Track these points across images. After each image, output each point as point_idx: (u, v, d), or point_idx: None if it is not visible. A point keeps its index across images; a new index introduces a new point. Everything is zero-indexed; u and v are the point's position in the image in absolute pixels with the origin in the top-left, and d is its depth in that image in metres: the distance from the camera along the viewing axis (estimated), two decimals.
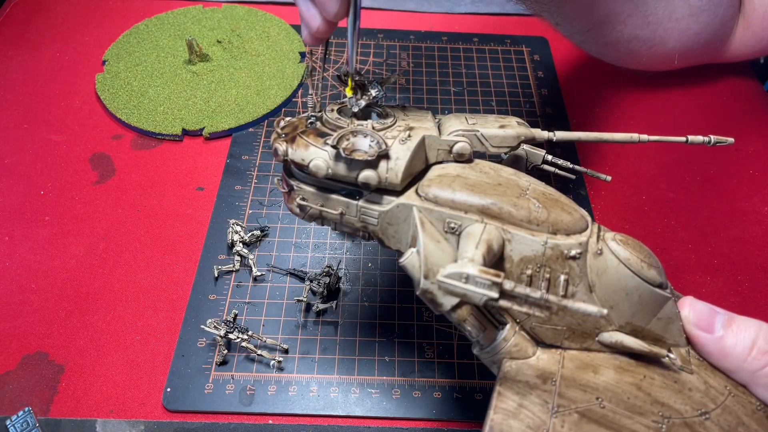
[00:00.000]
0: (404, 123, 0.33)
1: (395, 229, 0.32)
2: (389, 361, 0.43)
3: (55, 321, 0.44)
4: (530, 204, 0.30)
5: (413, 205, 0.30)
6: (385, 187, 0.31)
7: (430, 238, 0.29)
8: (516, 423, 0.28)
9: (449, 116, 0.34)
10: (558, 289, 0.29)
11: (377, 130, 0.32)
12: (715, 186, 0.56)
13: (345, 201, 0.32)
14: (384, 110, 0.34)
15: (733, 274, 0.49)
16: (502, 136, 0.33)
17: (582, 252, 0.29)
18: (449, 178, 0.31)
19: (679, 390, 0.29)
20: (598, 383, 0.29)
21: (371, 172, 0.30)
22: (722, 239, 0.51)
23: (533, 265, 0.29)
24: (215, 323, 0.42)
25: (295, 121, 0.34)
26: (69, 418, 0.40)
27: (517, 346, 0.30)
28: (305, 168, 0.31)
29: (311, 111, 0.34)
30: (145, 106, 0.59)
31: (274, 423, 0.40)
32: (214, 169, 0.55)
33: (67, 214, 0.51)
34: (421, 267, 0.28)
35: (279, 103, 0.60)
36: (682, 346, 0.30)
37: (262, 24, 0.68)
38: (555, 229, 0.29)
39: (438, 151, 0.32)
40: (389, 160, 0.30)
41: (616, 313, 0.30)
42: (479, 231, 0.29)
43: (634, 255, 0.29)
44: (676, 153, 0.58)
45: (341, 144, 0.30)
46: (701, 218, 0.53)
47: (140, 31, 0.67)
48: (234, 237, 0.48)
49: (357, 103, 0.33)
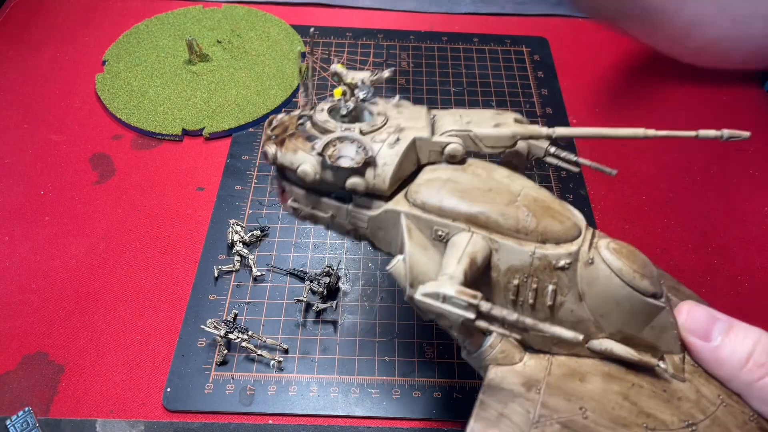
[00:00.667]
0: (395, 123, 0.32)
1: (385, 233, 0.32)
2: (389, 361, 0.43)
3: (55, 321, 0.44)
4: (519, 213, 0.29)
5: (401, 212, 0.30)
6: (374, 192, 0.30)
7: (416, 247, 0.29)
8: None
9: (443, 113, 0.34)
10: (546, 299, 0.29)
11: (366, 133, 0.31)
12: (715, 186, 0.56)
13: (335, 204, 0.32)
14: (377, 107, 0.33)
15: (733, 274, 0.49)
16: (496, 136, 0.32)
17: (571, 262, 0.28)
18: (438, 183, 0.30)
19: (668, 399, 0.29)
20: (583, 392, 0.29)
21: (358, 179, 0.30)
22: (722, 239, 0.51)
23: (520, 275, 0.29)
24: (215, 323, 0.42)
25: (286, 121, 0.33)
26: (69, 418, 0.40)
27: (504, 353, 0.30)
28: (294, 172, 0.31)
29: (302, 110, 0.33)
30: (145, 106, 0.59)
31: (274, 423, 0.40)
32: (214, 169, 0.55)
33: (67, 214, 0.51)
34: (407, 275, 0.28)
35: (279, 103, 0.60)
36: (677, 353, 0.30)
37: (262, 24, 0.68)
38: (544, 238, 0.29)
39: (430, 152, 0.32)
40: (376, 166, 0.30)
41: (606, 321, 0.29)
42: (464, 241, 0.28)
43: (626, 265, 0.28)
44: (676, 153, 0.58)
45: (327, 151, 0.29)
46: (701, 218, 0.53)
47: (140, 31, 0.67)
48: (234, 237, 0.48)
49: (345, 105, 0.33)
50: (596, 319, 0.29)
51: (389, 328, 0.45)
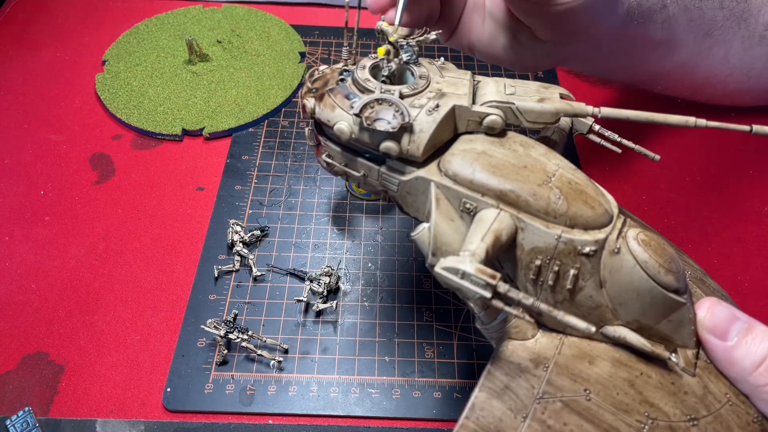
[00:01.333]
0: (437, 88, 0.31)
1: (414, 199, 0.31)
2: (389, 361, 0.43)
3: (55, 321, 0.44)
4: (551, 194, 0.28)
5: (431, 180, 0.30)
6: (407, 158, 0.30)
7: (443, 217, 0.29)
8: (498, 403, 0.28)
9: (487, 80, 0.33)
10: (566, 283, 0.29)
11: (406, 96, 0.31)
12: (715, 186, 0.56)
13: (368, 165, 0.32)
14: (420, 69, 0.33)
15: (733, 274, 0.49)
16: (539, 111, 0.31)
17: (597, 249, 0.28)
18: (472, 155, 0.30)
19: (674, 392, 0.29)
20: (590, 375, 0.29)
21: (393, 143, 0.30)
22: (722, 239, 0.51)
23: (543, 256, 0.28)
24: (215, 323, 0.42)
25: (328, 74, 0.33)
26: (69, 418, 0.40)
27: (517, 328, 0.30)
28: (331, 128, 0.31)
29: (344, 63, 0.33)
30: (145, 106, 0.59)
31: (274, 423, 0.40)
32: (214, 169, 0.55)
33: (67, 214, 0.51)
34: (430, 244, 0.29)
35: (279, 103, 0.60)
36: (691, 348, 0.30)
37: (262, 24, 0.69)
38: (573, 223, 0.28)
39: (468, 121, 0.31)
40: (412, 132, 0.30)
41: (624, 310, 0.29)
42: (491, 218, 0.28)
43: (652, 258, 0.27)
44: (676, 153, 0.58)
45: (364, 112, 0.29)
46: (701, 218, 0.53)
47: (140, 31, 0.67)
48: (234, 237, 0.48)
49: (387, 66, 0.32)
50: (614, 307, 0.29)
51: (389, 328, 0.45)
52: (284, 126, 0.59)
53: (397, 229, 0.51)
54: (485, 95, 0.32)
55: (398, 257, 0.49)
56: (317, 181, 0.55)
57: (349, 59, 0.33)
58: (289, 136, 0.58)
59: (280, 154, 0.57)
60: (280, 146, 0.57)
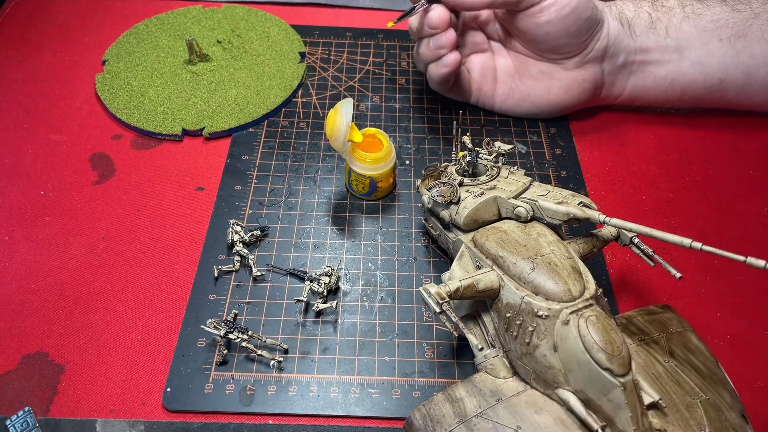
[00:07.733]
0: (493, 183, 0.43)
1: (455, 252, 0.43)
2: (389, 361, 0.43)
3: (55, 321, 0.44)
4: (527, 266, 0.36)
5: (464, 242, 0.42)
6: (457, 226, 0.43)
7: (459, 266, 0.41)
8: (449, 406, 0.35)
9: (536, 184, 0.43)
10: (525, 337, 0.35)
11: (466, 186, 0.44)
12: (715, 186, 0.56)
13: (440, 227, 0.45)
14: (492, 170, 0.45)
15: (733, 274, 0.49)
16: (554, 210, 0.39)
17: (548, 315, 0.34)
18: (494, 232, 0.40)
19: None
20: (530, 418, 0.34)
21: (446, 212, 0.43)
22: (722, 239, 0.51)
23: (513, 311, 0.36)
24: (215, 323, 0.42)
25: (439, 167, 0.47)
26: (69, 418, 0.40)
27: (493, 366, 0.37)
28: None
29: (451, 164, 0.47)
30: (145, 106, 0.59)
31: (274, 423, 0.40)
32: (214, 169, 0.55)
33: (67, 214, 0.51)
34: (447, 278, 0.41)
35: (279, 103, 0.60)
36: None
37: (262, 24, 0.69)
38: (537, 291, 0.35)
39: (506, 209, 0.41)
40: (459, 206, 0.42)
41: (573, 377, 0.34)
42: (482, 271, 0.38)
43: (590, 335, 0.32)
44: (676, 153, 0.58)
45: (432, 190, 0.44)
46: (701, 218, 0.53)
47: (140, 31, 0.67)
48: (234, 237, 0.48)
49: (462, 163, 0.46)
50: (566, 372, 0.34)
51: (389, 328, 0.45)
52: (284, 126, 0.59)
53: (397, 229, 0.51)
54: (527, 194, 0.41)
55: (398, 257, 0.49)
56: (317, 181, 0.55)
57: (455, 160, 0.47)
58: (289, 136, 0.58)
59: (280, 154, 0.57)
60: (280, 146, 0.57)
